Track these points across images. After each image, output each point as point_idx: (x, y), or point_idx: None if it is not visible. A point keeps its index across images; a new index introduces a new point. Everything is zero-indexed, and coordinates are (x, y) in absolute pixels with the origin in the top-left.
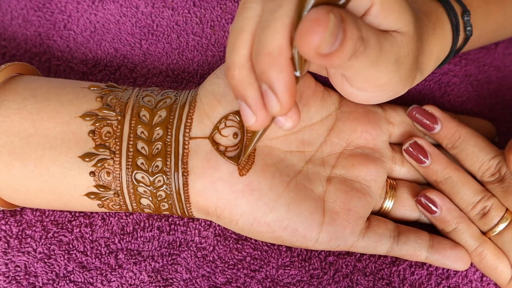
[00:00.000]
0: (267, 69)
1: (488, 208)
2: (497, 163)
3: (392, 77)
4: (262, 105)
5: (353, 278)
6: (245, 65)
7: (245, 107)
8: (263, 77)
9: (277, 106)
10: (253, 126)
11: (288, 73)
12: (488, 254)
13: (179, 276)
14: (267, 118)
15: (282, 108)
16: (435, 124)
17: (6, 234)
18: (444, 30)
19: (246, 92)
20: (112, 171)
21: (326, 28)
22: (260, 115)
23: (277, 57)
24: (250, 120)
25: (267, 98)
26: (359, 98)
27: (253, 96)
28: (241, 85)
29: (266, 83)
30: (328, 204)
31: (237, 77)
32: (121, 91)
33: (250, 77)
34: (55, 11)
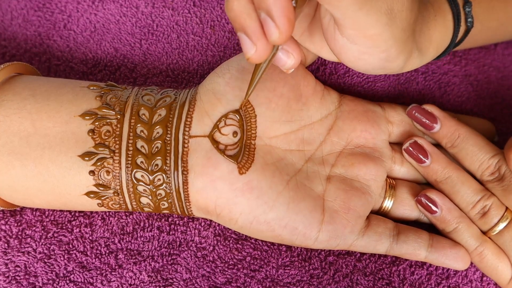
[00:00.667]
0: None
1: (488, 208)
2: (497, 162)
3: (382, 30)
4: (261, 34)
5: (353, 278)
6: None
7: (245, 38)
8: (261, 4)
9: (276, 32)
10: (253, 57)
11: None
12: (489, 253)
13: (179, 276)
14: (267, 48)
15: (281, 34)
16: (435, 123)
17: (6, 234)
18: (445, 19)
19: (246, 22)
20: (112, 170)
21: None
22: (260, 44)
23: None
24: (250, 50)
25: (266, 26)
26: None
27: (252, 26)
28: (240, 15)
29: (264, 10)
30: (327, 203)
31: (236, 8)
32: (121, 90)
33: (249, 7)
34: (55, 11)
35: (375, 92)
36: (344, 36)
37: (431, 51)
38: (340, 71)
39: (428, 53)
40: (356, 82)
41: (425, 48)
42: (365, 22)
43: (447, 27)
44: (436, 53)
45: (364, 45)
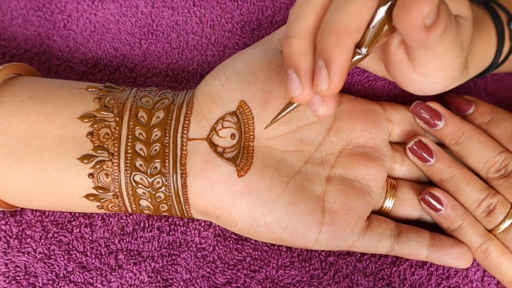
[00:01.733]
0: (330, 46)
1: (493, 206)
2: (503, 160)
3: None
4: (311, 79)
5: (353, 278)
6: (306, 37)
7: (294, 77)
8: (323, 53)
9: (326, 83)
10: (297, 97)
11: (348, 56)
12: (493, 251)
13: (179, 277)
14: (311, 93)
15: (329, 88)
16: (439, 120)
17: (6, 234)
18: (489, 35)
19: (301, 62)
20: (111, 172)
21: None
22: (308, 88)
23: (343, 37)
24: (295, 91)
25: (319, 74)
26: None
27: (307, 68)
28: (298, 55)
29: (324, 59)
30: (327, 204)
31: (296, 47)
32: (119, 92)
33: (308, 49)
34: (55, 11)
35: (375, 91)
36: (420, 73)
37: (474, 67)
38: None
39: (472, 70)
40: (356, 81)
41: (470, 65)
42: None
43: (490, 43)
44: (477, 70)
45: (437, 77)
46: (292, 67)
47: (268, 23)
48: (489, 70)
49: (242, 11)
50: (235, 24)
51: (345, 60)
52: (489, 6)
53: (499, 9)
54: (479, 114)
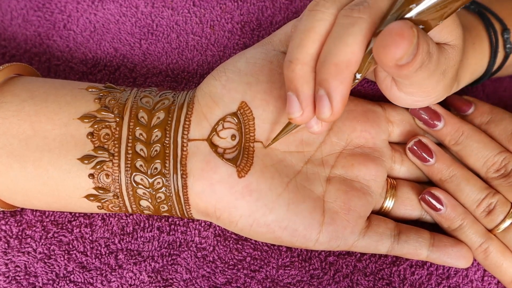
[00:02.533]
0: (331, 77)
1: (493, 205)
2: (503, 159)
3: (437, 85)
4: (312, 103)
5: (353, 278)
6: (308, 63)
7: (294, 100)
8: (324, 83)
9: (328, 112)
10: (296, 119)
11: (348, 86)
12: (494, 251)
13: (179, 277)
14: (311, 116)
15: (332, 115)
16: (438, 120)
17: (6, 234)
18: (482, 46)
19: (302, 87)
20: (111, 173)
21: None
22: (307, 112)
23: (343, 70)
24: (295, 113)
25: (321, 103)
26: (404, 102)
27: (307, 93)
28: (299, 80)
29: (325, 89)
30: (327, 204)
31: (298, 72)
32: (119, 92)
33: (309, 75)
34: (54, 11)
35: (375, 92)
36: (402, 92)
37: (467, 76)
38: None
39: (464, 80)
40: None
41: (462, 77)
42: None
43: (483, 54)
44: (471, 79)
45: (419, 96)
46: (293, 90)
47: (268, 23)
48: (482, 78)
49: (242, 11)
50: (235, 24)
51: (345, 90)
52: (483, 16)
53: (493, 18)
54: (478, 114)
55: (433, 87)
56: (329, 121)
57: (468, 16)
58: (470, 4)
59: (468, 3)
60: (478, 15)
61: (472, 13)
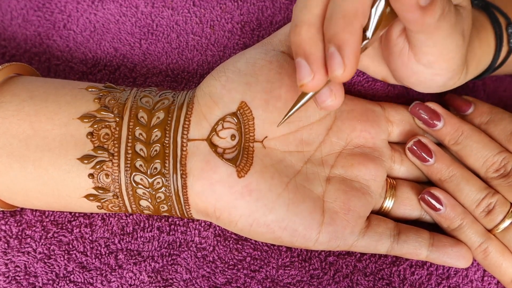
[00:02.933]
0: (340, 31)
1: (493, 205)
2: (502, 159)
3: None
4: (323, 65)
5: (353, 278)
6: (315, 24)
7: (304, 65)
8: (333, 38)
9: (341, 68)
10: (307, 84)
11: (359, 38)
12: (493, 250)
13: (179, 277)
14: (324, 79)
15: (345, 72)
16: (438, 120)
17: (6, 234)
18: (487, 38)
19: (311, 49)
20: (111, 173)
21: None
22: (319, 74)
23: (352, 20)
24: (306, 78)
25: (333, 60)
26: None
27: (317, 55)
28: (307, 42)
29: (335, 44)
30: (327, 204)
31: (304, 34)
32: (119, 92)
33: (317, 36)
34: (54, 11)
35: (375, 92)
36: (421, 63)
37: (473, 68)
38: None
39: (471, 70)
40: (356, 81)
41: (470, 65)
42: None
43: (489, 46)
44: (476, 72)
45: (438, 68)
46: (301, 55)
47: (268, 23)
48: (486, 72)
49: (242, 11)
50: (235, 24)
51: (356, 42)
52: (488, 11)
53: (498, 14)
54: (478, 114)
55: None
56: (343, 79)
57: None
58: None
59: None
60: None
61: (476, 7)
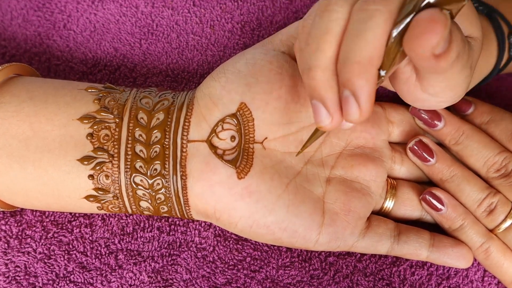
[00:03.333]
0: (354, 77)
1: (494, 205)
2: (503, 159)
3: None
4: (339, 108)
5: (353, 278)
6: (329, 68)
7: (321, 108)
8: (348, 83)
9: (357, 113)
10: (326, 127)
11: (374, 84)
12: (494, 251)
13: (179, 277)
14: (341, 120)
15: (361, 116)
16: (438, 120)
17: (6, 234)
18: (490, 47)
19: (327, 94)
20: (111, 174)
21: (446, 26)
22: (336, 117)
23: (366, 67)
24: (325, 121)
25: (348, 104)
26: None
27: (333, 99)
28: (322, 86)
29: (350, 90)
30: (327, 205)
31: (319, 78)
32: (119, 93)
33: (332, 80)
34: (54, 11)
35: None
36: (426, 92)
37: (475, 78)
38: None
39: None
40: None
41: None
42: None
43: (491, 55)
44: (478, 80)
45: (444, 97)
46: (317, 98)
47: (268, 23)
48: (486, 80)
49: (242, 11)
50: (235, 24)
51: (371, 88)
52: (492, 17)
53: (501, 20)
54: (478, 114)
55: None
56: (358, 122)
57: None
58: (478, 5)
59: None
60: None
61: (480, 13)
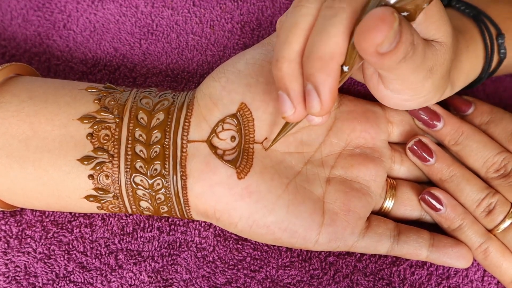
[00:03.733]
0: (316, 71)
1: (493, 205)
2: (503, 159)
3: (424, 83)
4: (303, 100)
5: (353, 278)
6: (295, 60)
7: (285, 98)
8: (310, 77)
9: (317, 107)
10: (289, 117)
11: (336, 79)
12: (493, 251)
13: (179, 277)
14: (304, 113)
15: (322, 110)
16: (438, 121)
17: (6, 234)
18: (476, 49)
19: (291, 85)
20: (111, 174)
21: (391, 27)
22: (299, 108)
23: (328, 62)
24: (288, 111)
25: (310, 97)
26: (392, 101)
27: (297, 90)
28: (287, 78)
29: (312, 83)
30: (327, 205)
31: (285, 70)
32: (119, 93)
33: (297, 72)
34: (54, 11)
35: None
36: (388, 89)
37: (461, 81)
38: None
39: (459, 84)
40: (356, 82)
41: (456, 80)
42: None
43: (478, 57)
44: (466, 82)
45: (406, 95)
46: (283, 89)
47: (268, 23)
48: (477, 82)
49: (242, 11)
50: (235, 24)
51: (333, 83)
52: (478, 19)
53: (488, 23)
54: (478, 114)
55: (420, 84)
56: (319, 115)
57: (463, 19)
58: (465, 8)
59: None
60: (473, 19)
61: (467, 16)
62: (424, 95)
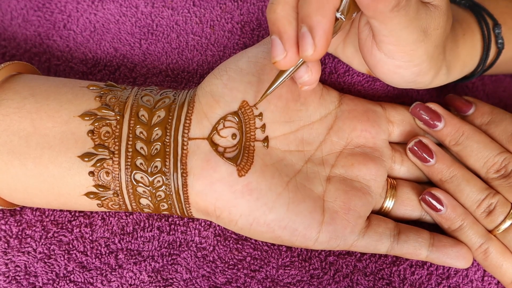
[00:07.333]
0: (312, 12)
1: (493, 206)
2: (503, 160)
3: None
4: (295, 44)
5: (353, 278)
6: (289, 3)
7: (278, 42)
8: (306, 19)
9: (311, 50)
10: (280, 62)
11: (331, 21)
12: (493, 251)
13: (179, 276)
14: (296, 57)
15: (315, 52)
16: (438, 121)
17: (6, 234)
18: (473, 39)
19: (285, 28)
20: (111, 171)
21: None
22: (291, 52)
23: (324, 4)
24: (279, 55)
25: (304, 40)
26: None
27: (290, 34)
28: (281, 20)
29: (307, 25)
30: (327, 204)
31: (279, 12)
32: (120, 91)
33: (291, 15)
34: (54, 11)
35: (375, 91)
36: (382, 51)
37: (458, 68)
38: (340, 70)
39: (455, 71)
40: (356, 81)
41: (452, 65)
42: (406, 39)
43: (475, 47)
44: (462, 72)
45: (400, 60)
46: (275, 32)
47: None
48: (475, 74)
49: (242, 11)
50: (235, 24)
51: (328, 25)
52: (474, 10)
53: (485, 14)
54: (479, 115)
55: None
56: (312, 59)
57: (459, 10)
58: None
59: None
60: (470, 9)
61: (463, 8)
62: (417, 63)
